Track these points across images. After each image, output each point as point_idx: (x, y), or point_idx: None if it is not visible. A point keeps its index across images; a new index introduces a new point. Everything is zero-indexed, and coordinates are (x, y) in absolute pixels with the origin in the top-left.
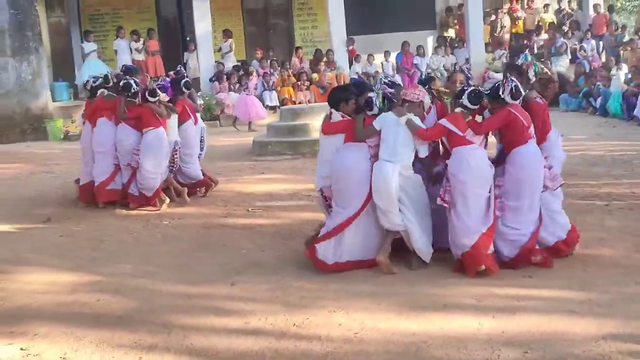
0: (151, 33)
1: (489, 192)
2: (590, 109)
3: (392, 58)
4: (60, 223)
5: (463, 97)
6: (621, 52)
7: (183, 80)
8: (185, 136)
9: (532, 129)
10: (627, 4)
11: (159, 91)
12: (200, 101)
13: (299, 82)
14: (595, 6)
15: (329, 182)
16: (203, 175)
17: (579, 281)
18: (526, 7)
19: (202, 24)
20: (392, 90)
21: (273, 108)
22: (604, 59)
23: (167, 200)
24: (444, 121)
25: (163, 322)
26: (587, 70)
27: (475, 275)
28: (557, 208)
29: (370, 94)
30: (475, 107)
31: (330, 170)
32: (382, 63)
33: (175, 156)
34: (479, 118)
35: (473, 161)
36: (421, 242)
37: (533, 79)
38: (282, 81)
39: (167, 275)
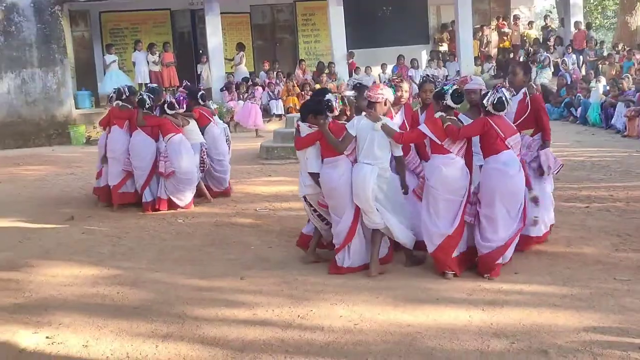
0: (166, 46)
1: (462, 197)
2: (571, 118)
3: (389, 70)
4: (83, 221)
5: (446, 98)
6: (600, 65)
7: (200, 93)
8: (212, 137)
9: (511, 140)
10: (605, 21)
11: (176, 104)
12: (214, 105)
13: (303, 92)
14: (577, 23)
15: (311, 190)
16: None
17: (562, 277)
18: (512, 23)
19: (214, 38)
20: (352, 93)
21: (279, 116)
22: (584, 72)
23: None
24: (423, 127)
25: (177, 313)
26: (569, 82)
27: (442, 274)
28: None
29: (328, 96)
30: (458, 106)
31: (322, 187)
32: (379, 75)
33: (204, 156)
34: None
35: (447, 170)
36: (402, 235)
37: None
38: (287, 91)
39: (181, 270)
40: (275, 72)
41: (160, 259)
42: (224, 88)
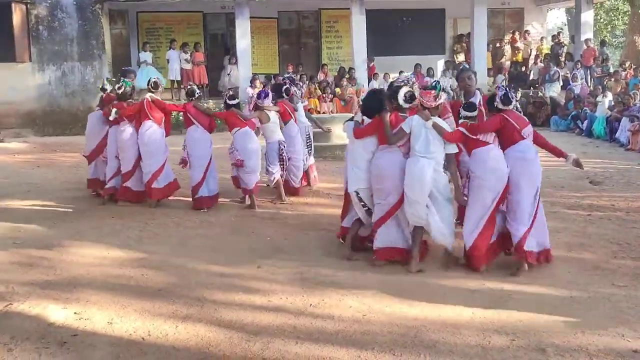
0: (197, 46)
1: (502, 187)
2: (578, 130)
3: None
4: (113, 206)
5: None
6: (606, 81)
7: (284, 87)
8: (289, 134)
9: (525, 131)
10: (614, 40)
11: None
12: (305, 102)
13: (324, 95)
14: (587, 40)
15: (365, 184)
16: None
17: (562, 280)
18: (524, 39)
19: (243, 40)
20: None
21: None
22: (591, 87)
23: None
24: (461, 128)
25: (197, 296)
26: (576, 96)
27: (476, 269)
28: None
29: (404, 89)
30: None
31: (371, 172)
32: None
33: (282, 154)
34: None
35: (490, 161)
36: (439, 235)
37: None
38: (309, 93)
39: (202, 256)
40: (299, 75)
41: (183, 245)
42: (250, 84)
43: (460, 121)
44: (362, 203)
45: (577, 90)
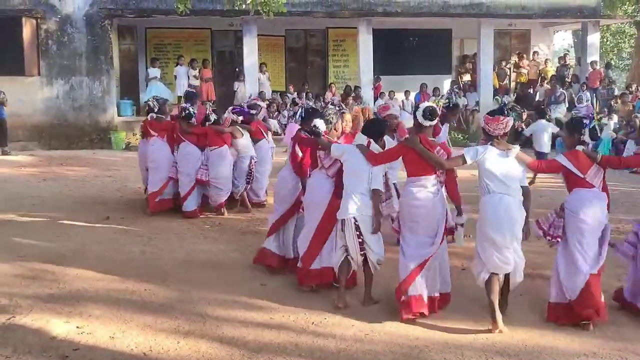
0: (205, 63)
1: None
2: None
3: (412, 97)
4: (117, 221)
5: (583, 132)
6: (612, 104)
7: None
8: (260, 153)
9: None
10: (620, 63)
11: (233, 115)
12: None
13: None
14: (592, 63)
15: (365, 211)
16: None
17: None
18: (531, 60)
19: (250, 57)
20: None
21: None
22: (597, 109)
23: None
24: (562, 158)
25: (200, 312)
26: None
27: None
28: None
29: (424, 104)
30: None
31: (402, 206)
32: (402, 101)
33: (252, 169)
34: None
35: (596, 204)
36: (519, 275)
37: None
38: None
39: (205, 272)
40: (305, 93)
41: (186, 261)
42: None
43: (579, 147)
44: (358, 233)
45: (583, 112)
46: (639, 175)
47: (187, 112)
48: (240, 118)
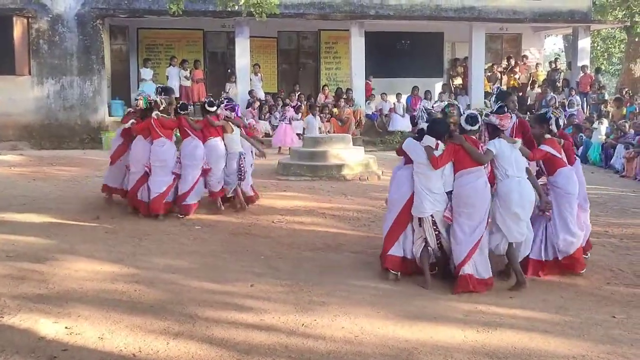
0: (197, 64)
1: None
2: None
3: (403, 100)
4: (107, 221)
5: (550, 123)
6: (602, 108)
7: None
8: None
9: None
10: (611, 67)
11: (226, 111)
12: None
13: (322, 115)
14: (583, 67)
15: (440, 206)
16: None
17: (555, 305)
18: (522, 64)
19: (242, 59)
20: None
21: (298, 135)
22: (587, 114)
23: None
24: (545, 147)
25: (189, 314)
26: (578, 122)
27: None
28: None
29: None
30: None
31: (459, 197)
32: (394, 103)
33: (242, 165)
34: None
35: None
36: (525, 249)
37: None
38: (307, 113)
39: (195, 273)
40: (297, 95)
41: (176, 262)
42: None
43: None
44: (435, 227)
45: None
46: (628, 180)
47: (181, 103)
48: (233, 114)
